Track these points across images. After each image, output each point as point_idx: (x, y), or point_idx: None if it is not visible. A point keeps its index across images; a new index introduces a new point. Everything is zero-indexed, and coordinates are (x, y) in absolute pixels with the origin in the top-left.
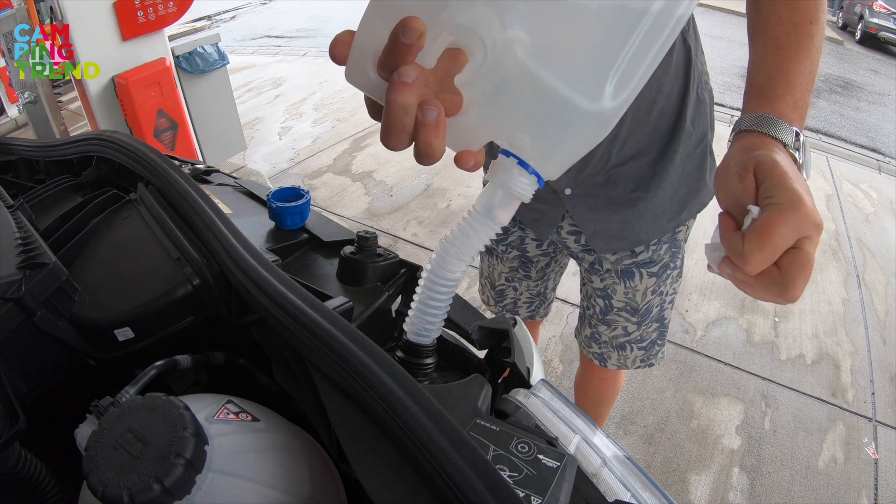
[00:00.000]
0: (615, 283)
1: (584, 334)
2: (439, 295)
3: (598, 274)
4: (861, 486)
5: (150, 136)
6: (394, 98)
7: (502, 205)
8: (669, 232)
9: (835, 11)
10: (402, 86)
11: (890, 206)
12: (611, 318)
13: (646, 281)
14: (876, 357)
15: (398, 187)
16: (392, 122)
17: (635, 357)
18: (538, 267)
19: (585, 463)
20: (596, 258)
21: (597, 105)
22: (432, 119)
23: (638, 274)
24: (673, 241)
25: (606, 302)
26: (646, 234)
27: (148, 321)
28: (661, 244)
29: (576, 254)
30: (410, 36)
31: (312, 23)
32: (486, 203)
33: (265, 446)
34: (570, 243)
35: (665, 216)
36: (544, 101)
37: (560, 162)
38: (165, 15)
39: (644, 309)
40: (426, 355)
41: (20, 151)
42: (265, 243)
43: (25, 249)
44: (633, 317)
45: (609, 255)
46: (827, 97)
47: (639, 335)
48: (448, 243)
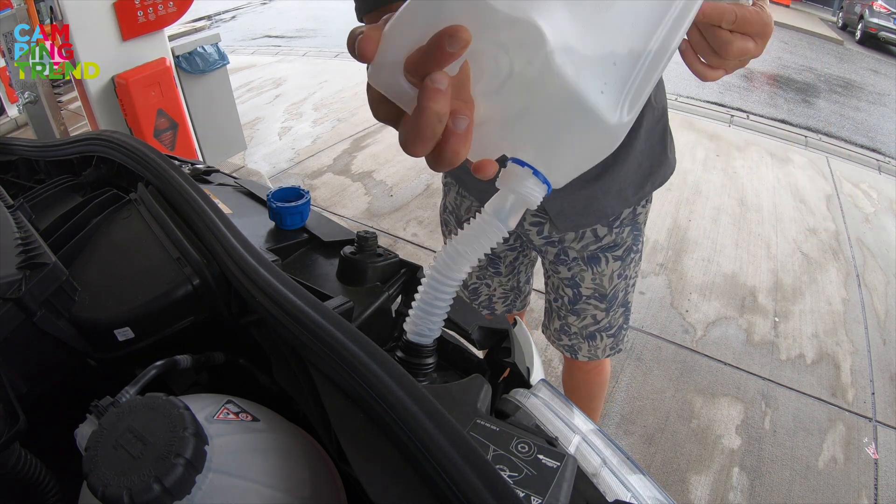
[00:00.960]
0: (582, 270)
1: (553, 328)
2: (443, 295)
3: (565, 264)
4: (861, 486)
5: (150, 136)
6: (429, 106)
7: (513, 210)
8: (634, 206)
9: (835, 11)
10: (438, 93)
11: (890, 206)
12: (580, 308)
13: (612, 265)
14: (876, 357)
15: (398, 187)
16: (424, 129)
17: (605, 346)
18: (506, 262)
19: (585, 463)
20: (561, 248)
21: (618, 120)
22: (463, 129)
23: (604, 258)
24: (634, 223)
25: (575, 291)
26: (611, 207)
27: (148, 321)
28: (623, 227)
29: (539, 247)
30: (456, 45)
31: (312, 23)
32: (498, 206)
33: (265, 446)
34: (532, 236)
35: (630, 188)
36: (572, 116)
37: (570, 173)
38: (165, 15)
39: (611, 294)
40: (426, 355)
41: (20, 151)
42: (265, 243)
43: (25, 249)
44: (601, 303)
45: (574, 244)
46: (827, 97)
47: (607, 322)
48: (457, 243)
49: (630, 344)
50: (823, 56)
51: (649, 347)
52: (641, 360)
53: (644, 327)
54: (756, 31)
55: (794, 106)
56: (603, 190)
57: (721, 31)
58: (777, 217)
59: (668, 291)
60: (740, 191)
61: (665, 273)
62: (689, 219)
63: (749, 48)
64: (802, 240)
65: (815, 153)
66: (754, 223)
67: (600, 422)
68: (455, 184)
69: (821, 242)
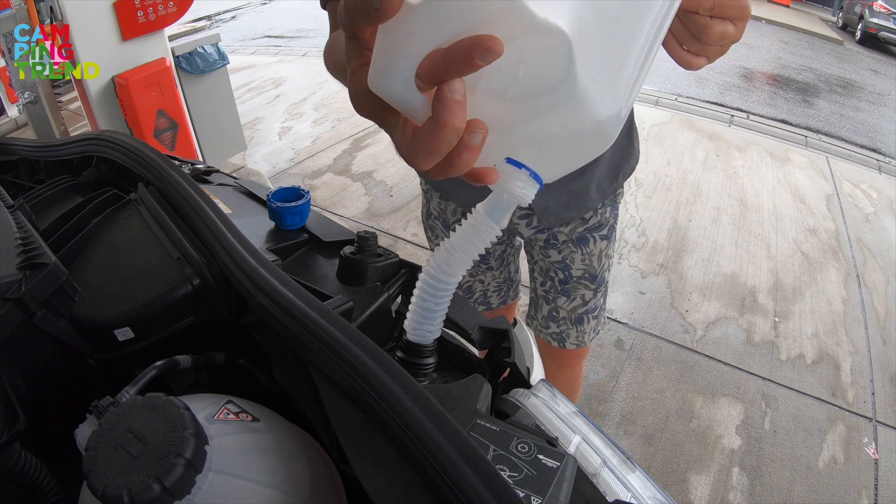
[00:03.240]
0: (573, 251)
1: (541, 315)
2: (441, 298)
3: (555, 248)
4: (861, 486)
5: (150, 136)
6: (450, 122)
7: (506, 208)
8: (611, 195)
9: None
10: (459, 106)
11: (890, 206)
12: (570, 288)
13: (599, 244)
14: (876, 357)
15: (398, 187)
16: (441, 145)
17: (590, 329)
18: (496, 255)
19: (585, 463)
20: (550, 234)
21: (618, 116)
22: (478, 143)
23: (591, 239)
24: (613, 203)
25: (566, 273)
26: (592, 201)
27: (148, 321)
28: (605, 206)
29: (529, 238)
30: (489, 58)
31: (312, 23)
32: (491, 207)
33: (265, 446)
34: (521, 228)
35: (606, 181)
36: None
37: (565, 170)
38: (165, 15)
39: (600, 275)
40: (426, 355)
41: (20, 151)
42: (265, 243)
43: (25, 249)
44: (591, 283)
45: (563, 229)
46: (827, 97)
47: (594, 303)
48: (451, 246)
49: (630, 344)
50: (823, 56)
51: (649, 347)
52: (641, 360)
53: (644, 327)
54: (734, 15)
55: (794, 106)
56: (584, 185)
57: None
58: (777, 217)
59: (668, 291)
60: (740, 191)
61: (665, 273)
62: (689, 219)
63: (729, 31)
64: (802, 240)
65: (815, 153)
66: (754, 223)
67: (600, 422)
68: (435, 191)
69: (821, 242)
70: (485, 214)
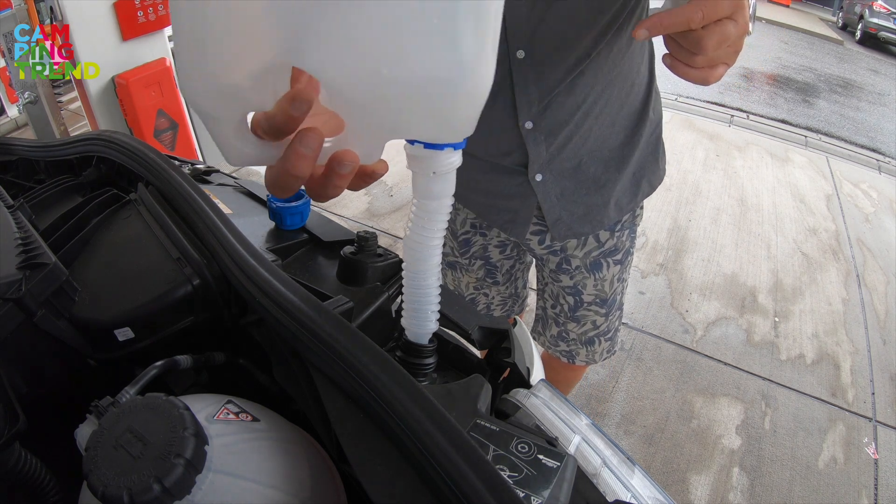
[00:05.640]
0: (585, 277)
1: (550, 334)
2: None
3: (567, 273)
4: (861, 486)
5: (150, 136)
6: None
7: (442, 181)
8: (629, 213)
9: (835, 11)
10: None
11: (890, 206)
12: (580, 314)
13: (612, 269)
14: (876, 357)
15: (398, 187)
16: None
17: (602, 350)
18: (503, 270)
19: (585, 463)
20: (563, 258)
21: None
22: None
23: (605, 264)
24: (632, 226)
25: (576, 298)
26: (608, 216)
27: (148, 321)
28: (623, 229)
29: (540, 256)
30: (301, 108)
31: None
32: (424, 190)
33: (265, 446)
34: (533, 245)
35: (625, 197)
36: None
37: (464, 124)
38: (165, 15)
39: (611, 298)
40: (426, 355)
41: (20, 151)
42: (265, 243)
43: (25, 249)
44: (602, 308)
45: (577, 252)
46: (827, 97)
47: (606, 326)
48: (414, 235)
49: (630, 344)
50: (823, 56)
51: (649, 347)
52: (641, 360)
53: (644, 327)
54: (728, 11)
55: (794, 106)
56: (602, 199)
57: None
58: (777, 217)
59: (668, 291)
60: (740, 191)
61: (665, 273)
62: (689, 219)
63: (727, 31)
64: (802, 240)
65: (815, 153)
66: (754, 223)
67: (601, 422)
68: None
69: (821, 242)
70: (424, 197)
